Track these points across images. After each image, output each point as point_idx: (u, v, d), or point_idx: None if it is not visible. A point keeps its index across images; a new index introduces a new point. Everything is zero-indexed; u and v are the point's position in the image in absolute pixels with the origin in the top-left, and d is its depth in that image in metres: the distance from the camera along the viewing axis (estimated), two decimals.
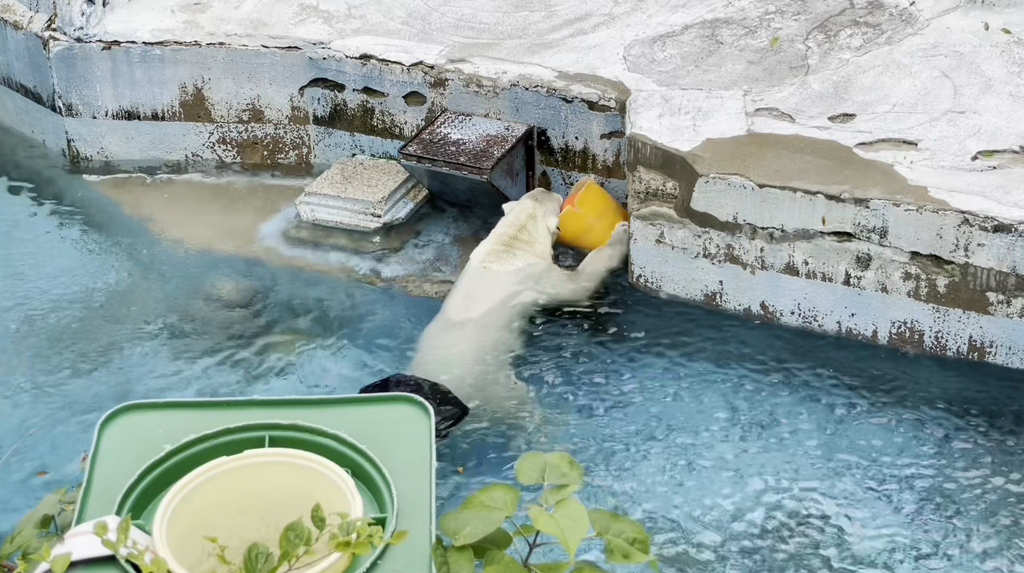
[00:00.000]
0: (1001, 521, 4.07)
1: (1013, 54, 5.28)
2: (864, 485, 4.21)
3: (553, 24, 5.75)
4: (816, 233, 4.61)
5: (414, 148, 5.29)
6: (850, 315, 4.70)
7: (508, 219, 5.07)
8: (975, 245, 4.40)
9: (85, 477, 2.64)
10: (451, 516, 2.51)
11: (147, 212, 5.68)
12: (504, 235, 5.00)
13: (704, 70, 5.29)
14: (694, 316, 4.92)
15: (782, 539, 4.03)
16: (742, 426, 4.45)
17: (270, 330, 4.97)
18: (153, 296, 5.18)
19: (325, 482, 2.59)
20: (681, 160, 4.75)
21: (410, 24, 5.79)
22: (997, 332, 4.51)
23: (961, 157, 4.69)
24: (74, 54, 5.76)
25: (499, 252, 4.95)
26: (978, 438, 4.38)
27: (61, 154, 5.99)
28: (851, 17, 5.60)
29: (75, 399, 4.64)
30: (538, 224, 5.06)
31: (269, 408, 2.82)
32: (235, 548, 2.40)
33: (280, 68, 5.68)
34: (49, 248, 5.53)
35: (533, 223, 5.06)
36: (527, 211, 5.08)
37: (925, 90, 5.09)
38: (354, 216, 5.40)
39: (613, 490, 4.20)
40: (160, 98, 5.81)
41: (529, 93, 5.34)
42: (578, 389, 4.63)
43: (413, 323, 4.97)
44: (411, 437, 2.73)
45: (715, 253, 4.81)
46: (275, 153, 5.86)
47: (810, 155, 4.73)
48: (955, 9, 5.58)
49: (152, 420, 2.78)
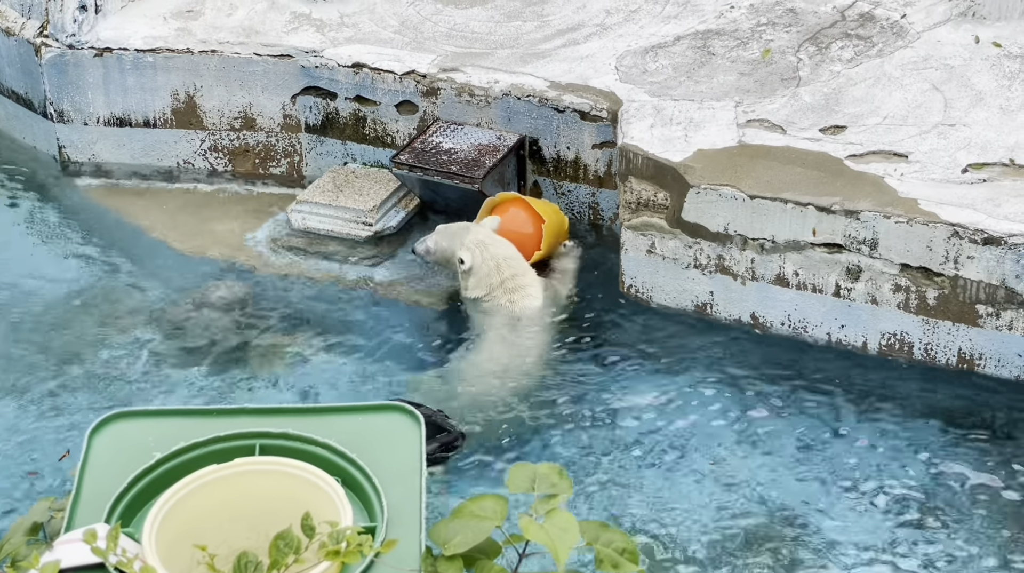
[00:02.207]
0: (990, 532, 4.07)
1: (1003, 67, 5.30)
2: (853, 496, 4.21)
3: (545, 34, 5.76)
4: (806, 244, 4.63)
5: (406, 157, 5.30)
6: (840, 326, 4.71)
7: (480, 269, 4.87)
8: (965, 257, 4.41)
9: (74, 485, 2.63)
10: (441, 525, 2.52)
11: (138, 219, 5.67)
12: (494, 284, 4.89)
13: (696, 81, 5.30)
14: (684, 326, 4.92)
15: (770, 550, 4.03)
16: (732, 436, 4.45)
17: (261, 338, 4.97)
18: (144, 303, 5.17)
19: (315, 491, 2.59)
20: (672, 171, 4.76)
21: (403, 33, 5.80)
22: (986, 344, 4.52)
23: (951, 170, 4.71)
24: (66, 60, 5.76)
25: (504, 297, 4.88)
26: (967, 449, 4.39)
27: (52, 160, 5.98)
28: (842, 30, 5.62)
29: (65, 406, 4.63)
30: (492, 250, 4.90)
31: (259, 416, 2.82)
32: (225, 556, 2.40)
33: (272, 76, 5.68)
34: (39, 254, 5.52)
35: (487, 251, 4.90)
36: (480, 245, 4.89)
37: (916, 103, 5.11)
38: (346, 224, 5.40)
39: (602, 500, 4.21)
40: (152, 105, 5.80)
41: (521, 103, 5.35)
42: (567, 398, 4.63)
43: (404, 332, 4.96)
44: (401, 446, 2.73)
45: (706, 264, 4.82)
46: (267, 161, 5.86)
47: (801, 167, 4.74)
48: (946, 22, 5.61)
49: (142, 428, 2.78)
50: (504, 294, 4.84)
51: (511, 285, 4.84)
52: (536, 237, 5.09)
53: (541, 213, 5.12)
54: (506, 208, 5.16)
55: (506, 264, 4.86)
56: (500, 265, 4.84)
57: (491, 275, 4.85)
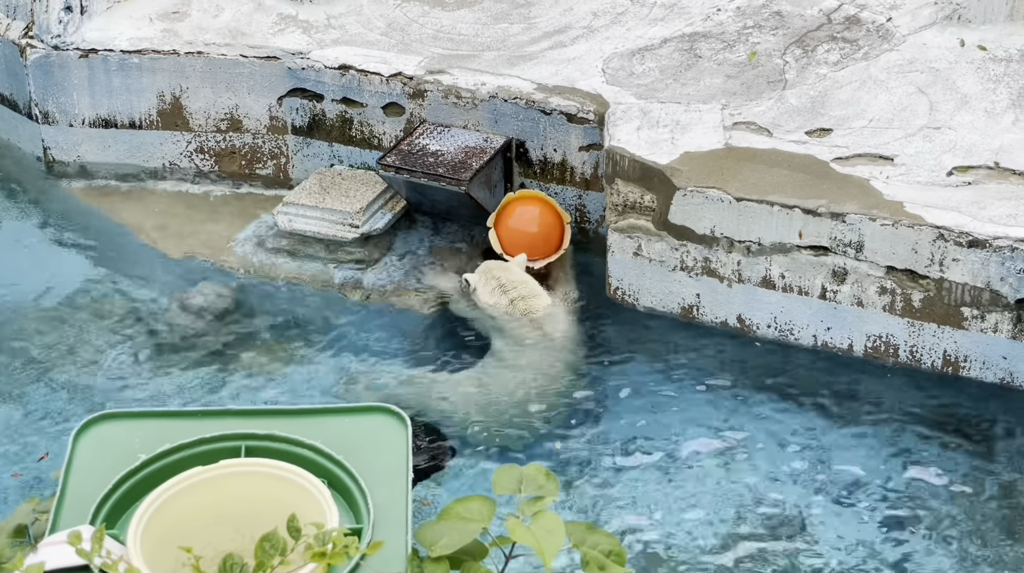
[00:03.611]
0: (975, 533, 4.09)
1: (988, 71, 5.32)
2: (838, 497, 4.22)
3: (532, 36, 5.76)
4: (793, 247, 4.63)
5: (392, 159, 5.29)
6: (826, 329, 4.72)
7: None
8: (950, 260, 4.43)
9: (59, 486, 2.62)
10: (427, 527, 2.51)
11: (123, 220, 5.66)
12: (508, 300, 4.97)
13: (682, 84, 5.31)
14: (671, 328, 4.93)
15: (757, 551, 4.04)
16: (718, 439, 4.46)
17: (247, 339, 4.96)
18: (129, 304, 5.16)
19: (301, 492, 2.58)
20: (659, 173, 4.77)
21: (389, 35, 5.80)
22: (971, 346, 4.54)
23: (937, 172, 4.73)
24: (51, 62, 5.74)
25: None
26: (951, 451, 4.40)
27: (37, 161, 5.97)
28: (828, 32, 5.64)
29: (50, 408, 4.61)
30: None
31: (245, 418, 2.81)
32: (210, 558, 2.39)
33: (259, 78, 5.67)
34: (24, 255, 5.50)
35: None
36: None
37: (901, 106, 5.13)
38: (332, 226, 5.39)
39: (591, 500, 4.21)
40: (137, 106, 5.79)
41: (508, 105, 5.35)
42: (553, 401, 4.63)
43: (390, 333, 4.96)
44: (388, 447, 2.72)
45: (692, 266, 4.82)
46: (253, 163, 5.85)
47: (787, 169, 4.75)
48: (931, 25, 5.62)
49: (127, 429, 2.77)
50: (513, 307, 4.89)
51: (518, 296, 4.92)
52: (559, 234, 5.19)
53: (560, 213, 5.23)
54: (531, 204, 5.19)
55: (511, 285, 4.93)
56: (504, 285, 4.94)
57: (496, 295, 4.93)
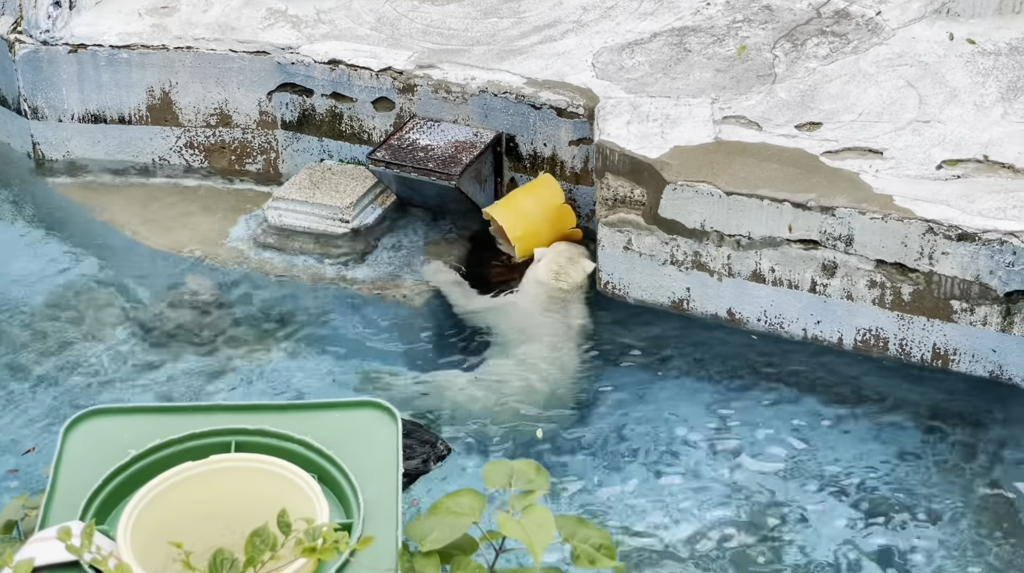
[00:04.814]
0: (964, 527, 4.10)
1: (977, 64, 5.32)
2: (828, 491, 4.23)
3: (522, 31, 5.76)
4: (782, 241, 4.64)
5: (382, 154, 5.29)
6: (816, 322, 4.73)
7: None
8: (939, 253, 4.43)
9: (49, 482, 2.62)
10: (418, 521, 2.51)
11: (113, 216, 5.64)
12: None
13: (672, 78, 5.31)
14: (661, 322, 4.93)
15: (747, 545, 4.04)
16: (709, 432, 4.46)
17: (237, 335, 4.95)
18: (119, 300, 5.15)
19: (291, 487, 2.59)
20: (649, 167, 4.77)
21: (379, 30, 5.79)
22: (961, 340, 4.55)
23: (926, 166, 4.73)
24: (40, 57, 5.73)
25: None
26: (941, 445, 4.41)
27: (27, 157, 5.95)
28: (818, 26, 5.64)
29: (39, 403, 4.60)
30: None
31: (235, 413, 2.81)
32: (200, 553, 2.39)
33: (248, 73, 5.67)
34: (13, 251, 5.49)
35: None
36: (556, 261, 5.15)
37: (891, 99, 5.13)
38: (322, 221, 5.39)
39: (580, 496, 4.21)
40: (127, 102, 5.78)
41: (498, 99, 5.34)
42: (544, 395, 4.63)
43: (380, 328, 4.96)
44: (378, 442, 2.73)
45: (682, 260, 4.83)
46: (243, 158, 5.84)
47: (777, 163, 4.76)
48: (920, 19, 5.63)
49: (117, 425, 2.77)
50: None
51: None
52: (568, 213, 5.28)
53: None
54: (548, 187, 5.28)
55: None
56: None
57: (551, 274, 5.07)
